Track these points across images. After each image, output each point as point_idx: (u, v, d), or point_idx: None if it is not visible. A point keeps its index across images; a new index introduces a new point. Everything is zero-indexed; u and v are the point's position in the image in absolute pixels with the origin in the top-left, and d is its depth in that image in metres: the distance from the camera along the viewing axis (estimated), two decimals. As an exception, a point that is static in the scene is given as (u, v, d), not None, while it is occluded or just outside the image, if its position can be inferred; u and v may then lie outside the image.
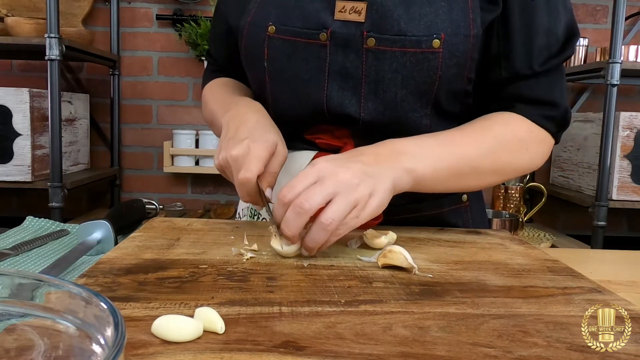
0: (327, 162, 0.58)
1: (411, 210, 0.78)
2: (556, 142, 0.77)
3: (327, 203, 0.55)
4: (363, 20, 0.69)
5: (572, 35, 0.73)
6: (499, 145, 0.71)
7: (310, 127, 0.77)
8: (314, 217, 0.56)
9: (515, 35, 0.71)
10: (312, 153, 0.78)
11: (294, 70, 0.73)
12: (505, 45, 0.72)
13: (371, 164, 0.60)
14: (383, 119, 0.72)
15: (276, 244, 0.58)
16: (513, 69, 0.72)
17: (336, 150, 0.76)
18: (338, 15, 0.70)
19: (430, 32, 0.67)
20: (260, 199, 0.65)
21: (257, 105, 0.75)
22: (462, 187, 0.74)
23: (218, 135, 0.85)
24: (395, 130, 0.73)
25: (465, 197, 0.82)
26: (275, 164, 0.66)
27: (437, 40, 0.67)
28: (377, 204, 0.58)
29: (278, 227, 0.57)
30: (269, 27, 0.73)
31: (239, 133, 0.67)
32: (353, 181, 0.56)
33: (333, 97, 0.72)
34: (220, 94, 0.86)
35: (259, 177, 0.63)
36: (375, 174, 0.59)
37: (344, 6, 0.70)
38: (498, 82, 0.74)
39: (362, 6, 0.69)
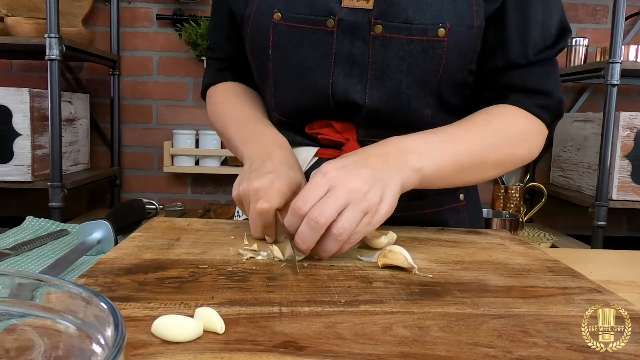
0: (337, 170, 0.58)
1: (410, 208, 0.78)
2: (550, 133, 0.78)
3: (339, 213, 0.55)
4: (371, 8, 0.70)
5: (564, 31, 0.74)
6: (500, 138, 0.71)
7: (313, 118, 0.77)
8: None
9: (511, 26, 0.72)
10: (314, 149, 0.78)
11: (300, 57, 0.73)
12: (501, 35, 0.73)
13: (379, 167, 0.60)
14: (387, 107, 0.73)
15: (278, 252, 0.58)
16: (508, 58, 0.73)
17: (338, 145, 0.76)
18: (346, 3, 0.71)
19: (436, 21, 0.68)
20: (273, 231, 0.63)
21: (283, 141, 0.75)
22: (465, 181, 0.74)
23: (229, 148, 0.85)
24: (398, 120, 0.73)
25: (462, 196, 0.83)
26: None
27: (442, 29, 0.68)
28: (387, 208, 0.58)
29: (291, 238, 0.57)
30: (275, 14, 0.72)
31: (264, 166, 0.67)
32: (363, 189, 0.56)
33: (339, 84, 0.73)
34: (237, 112, 0.83)
35: (278, 210, 0.62)
36: (384, 177, 0.59)
37: None
38: (493, 71, 0.75)
39: None
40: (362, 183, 0.56)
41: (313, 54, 0.72)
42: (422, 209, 0.79)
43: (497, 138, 0.71)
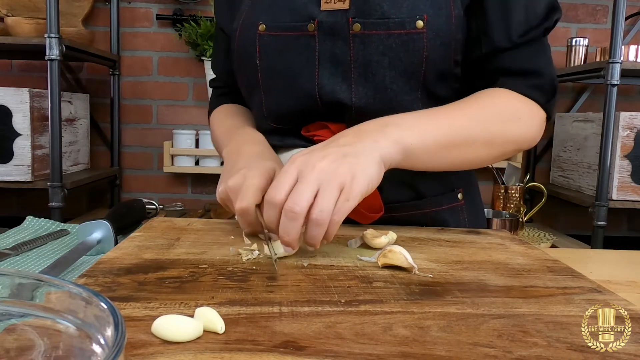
0: (304, 155, 0.58)
1: (409, 208, 0.78)
2: (548, 116, 0.75)
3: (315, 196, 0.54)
4: (348, 7, 0.71)
5: (552, 11, 0.73)
6: (490, 114, 0.70)
7: (305, 122, 0.78)
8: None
9: (491, 11, 0.72)
10: None
11: (285, 64, 0.75)
12: (483, 21, 0.72)
13: (351, 143, 0.59)
14: (375, 104, 0.73)
15: (267, 250, 0.58)
16: (492, 43, 0.72)
17: None
18: (324, 6, 0.73)
19: (412, 14, 0.68)
20: (260, 227, 0.63)
21: (258, 136, 0.77)
22: (455, 160, 0.70)
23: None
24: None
25: (460, 195, 0.83)
26: None
27: (420, 21, 0.68)
28: (364, 181, 0.56)
29: (273, 232, 0.57)
30: (260, 26, 0.75)
31: (236, 164, 0.68)
32: (331, 167, 0.55)
33: (324, 85, 0.73)
34: (223, 124, 0.88)
35: (259, 205, 0.63)
36: (356, 152, 0.58)
37: None
38: (480, 59, 0.74)
39: None
40: (329, 162, 0.56)
41: (298, 59, 0.74)
42: (421, 209, 0.79)
43: (486, 114, 0.69)
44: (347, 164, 0.56)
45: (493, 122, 0.70)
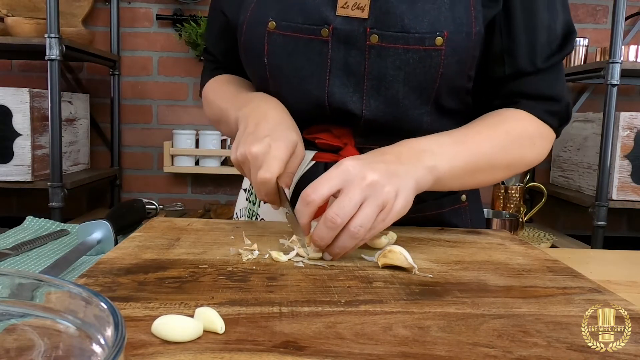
0: (352, 161, 0.58)
1: (412, 211, 0.78)
2: (557, 137, 0.79)
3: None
4: (366, 17, 0.68)
5: (569, 33, 0.74)
6: (511, 140, 0.72)
7: (311, 124, 0.77)
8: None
9: (518, 32, 0.72)
10: (312, 153, 0.78)
11: (295, 66, 0.72)
12: (509, 42, 0.72)
13: (394, 163, 0.60)
14: (385, 116, 0.72)
15: (302, 251, 0.58)
16: (517, 66, 0.73)
17: (336, 150, 0.76)
18: (340, 11, 0.69)
19: (433, 30, 0.67)
20: (277, 198, 0.64)
21: (276, 101, 0.73)
22: (475, 183, 0.74)
23: (227, 132, 0.85)
24: (396, 128, 0.73)
25: (464, 197, 0.82)
26: (294, 165, 0.65)
27: (440, 38, 0.67)
28: (402, 204, 0.58)
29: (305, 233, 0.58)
30: (269, 23, 0.72)
31: (259, 129, 0.65)
32: (380, 182, 0.56)
33: (335, 94, 0.72)
34: (227, 91, 0.84)
35: (278, 177, 0.63)
36: (399, 172, 0.59)
37: (346, 2, 0.69)
38: (501, 79, 0.75)
39: (365, 2, 0.68)
40: (379, 176, 0.56)
41: (308, 64, 0.72)
42: (423, 212, 0.79)
43: (507, 140, 0.71)
44: (393, 183, 0.57)
45: (514, 148, 0.72)
